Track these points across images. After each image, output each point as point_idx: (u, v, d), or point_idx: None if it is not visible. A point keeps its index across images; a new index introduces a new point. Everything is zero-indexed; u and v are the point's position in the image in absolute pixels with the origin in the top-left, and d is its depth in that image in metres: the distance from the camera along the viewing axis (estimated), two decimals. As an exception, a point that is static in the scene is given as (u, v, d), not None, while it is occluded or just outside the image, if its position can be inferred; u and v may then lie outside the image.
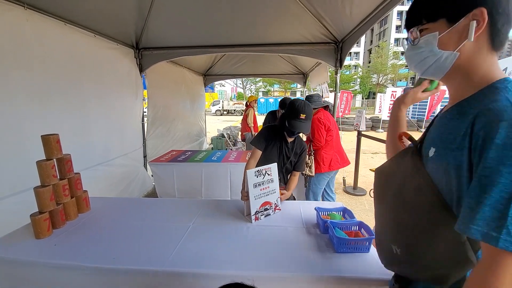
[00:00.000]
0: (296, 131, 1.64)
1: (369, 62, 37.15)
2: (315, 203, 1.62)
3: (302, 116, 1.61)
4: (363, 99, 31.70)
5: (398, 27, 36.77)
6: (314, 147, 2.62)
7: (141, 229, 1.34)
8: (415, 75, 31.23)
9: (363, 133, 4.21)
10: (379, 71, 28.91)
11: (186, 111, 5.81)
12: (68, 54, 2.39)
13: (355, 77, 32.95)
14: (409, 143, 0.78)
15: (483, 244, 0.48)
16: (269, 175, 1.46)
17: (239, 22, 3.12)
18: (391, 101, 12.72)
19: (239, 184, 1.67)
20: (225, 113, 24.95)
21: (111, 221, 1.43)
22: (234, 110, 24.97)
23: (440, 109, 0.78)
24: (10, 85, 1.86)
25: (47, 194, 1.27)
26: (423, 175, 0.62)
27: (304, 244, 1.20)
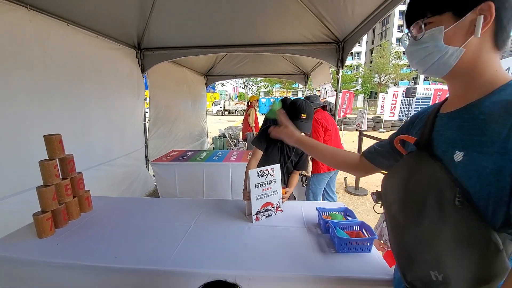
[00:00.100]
0: (297, 131, 1.63)
1: (371, 62, 37.04)
2: (316, 203, 1.62)
3: (303, 116, 1.60)
4: (364, 99, 31.60)
5: (400, 27, 36.56)
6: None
7: (142, 228, 1.34)
8: (417, 75, 31.20)
9: (364, 133, 4.21)
10: (381, 71, 28.79)
11: (187, 111, 5.82)
12: (70, 54, 2.40)
13: (357, 77, 32.86)
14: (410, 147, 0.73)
15: None
16: (271, 176, 1.45)
17: (239, 22, 3.12)
18: (393, 101, 12.71)
19: (240, 184, 1.67)
20: (226, 113, 24.97)
21: (113, 220, 1.44)
22: (235, 110, 24.99)
23: (428, 107, 0.74)
24: (10, 85, 1.86)
25: (49, 193, 1.28)
26: (455, 182, 0.55)
27: (305, 244, 1.20)
